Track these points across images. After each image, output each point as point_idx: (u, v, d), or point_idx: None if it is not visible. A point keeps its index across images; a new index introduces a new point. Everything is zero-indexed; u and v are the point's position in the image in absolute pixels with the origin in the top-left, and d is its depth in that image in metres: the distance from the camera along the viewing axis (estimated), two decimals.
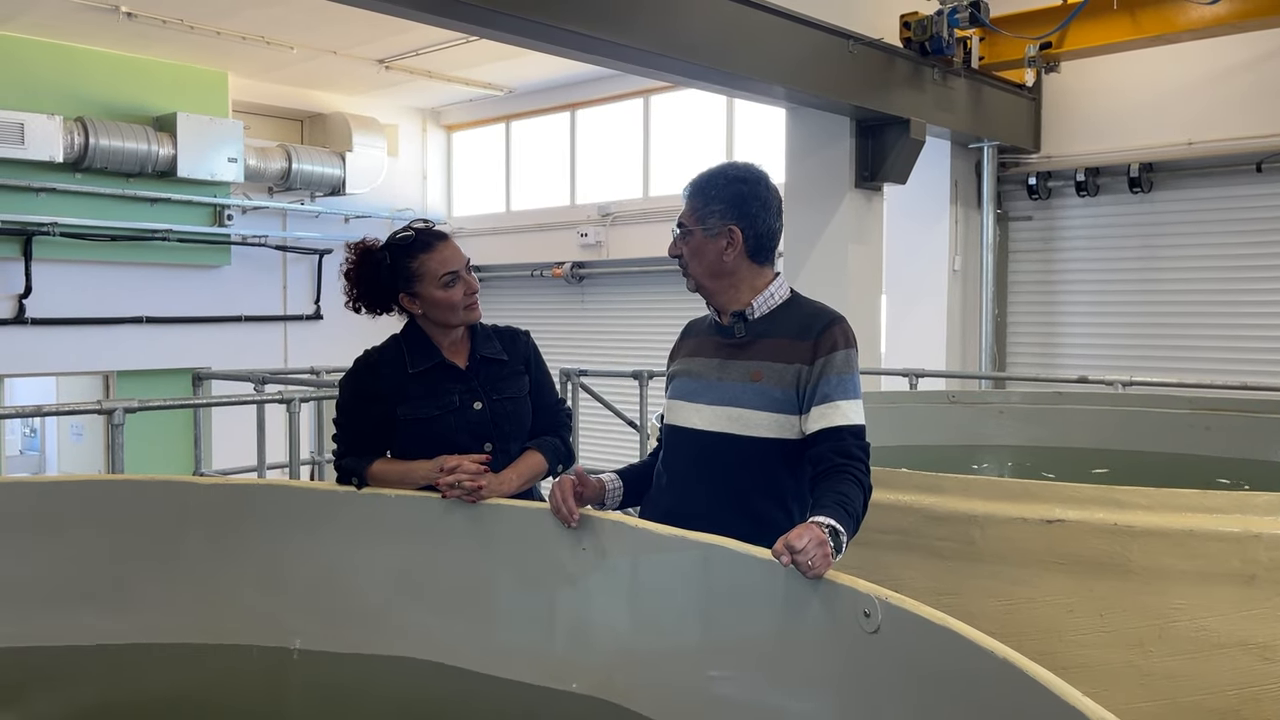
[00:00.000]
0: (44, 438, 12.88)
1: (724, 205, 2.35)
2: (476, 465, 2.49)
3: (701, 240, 2.36)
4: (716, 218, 2.35)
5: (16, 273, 9.33)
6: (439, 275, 2.59)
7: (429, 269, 2.59)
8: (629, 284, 10.84)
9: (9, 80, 9.12)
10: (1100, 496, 2.75)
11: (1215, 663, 2.62)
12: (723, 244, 2.35)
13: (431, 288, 2.60)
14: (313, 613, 2.59)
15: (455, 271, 2.60)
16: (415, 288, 2.61)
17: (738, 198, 2.35)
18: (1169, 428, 4.91)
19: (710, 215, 2.35)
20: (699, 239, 2.37)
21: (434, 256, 2.60)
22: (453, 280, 2.60)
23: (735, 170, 2.40)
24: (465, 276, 2.62)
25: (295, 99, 11.34)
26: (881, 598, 1.76)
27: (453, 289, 2.60)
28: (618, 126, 11.16)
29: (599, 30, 5.11)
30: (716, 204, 2.35)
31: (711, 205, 2.35)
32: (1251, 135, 7.24)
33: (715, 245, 2.35)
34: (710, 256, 2.36)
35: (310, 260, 11.43)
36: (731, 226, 2.34)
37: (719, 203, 2.35)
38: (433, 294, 2.60)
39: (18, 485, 2.79)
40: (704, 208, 2.36)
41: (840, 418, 2.23)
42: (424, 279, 2.60)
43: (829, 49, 6.30)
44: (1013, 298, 8.50)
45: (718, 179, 2.38)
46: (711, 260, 2.36)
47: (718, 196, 2.36)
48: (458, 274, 2.61)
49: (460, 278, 2.61)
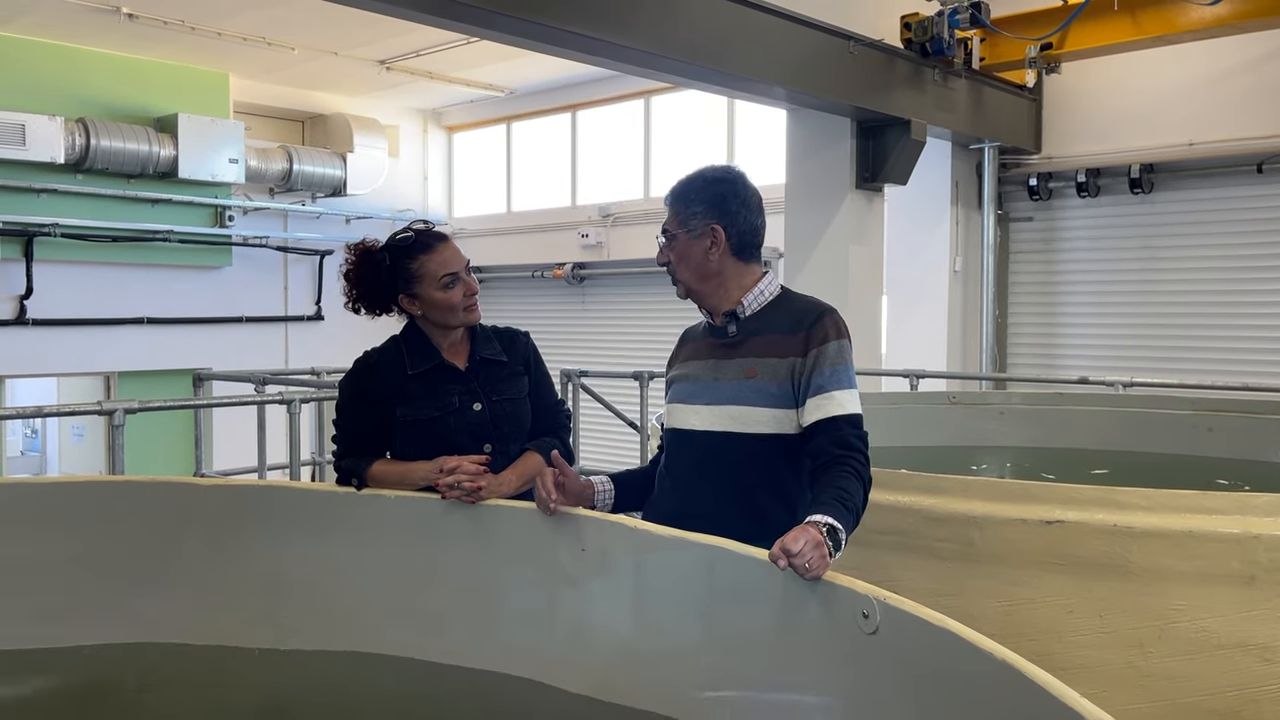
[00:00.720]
0: (45, 438, 12.89)
1: (704, 206, 2.37)
2: (476, 466, 2.49)
3: (686, 243, 2.38)
4: (699, 219, 2.37)
5: (18, 273, 9.34)
6: (438, 277, 2.59)
7: (428, 270, 2.59)
8: (630, 285, 10.84)
9: (10, 81, 9.13)
10: (1100, 497, 2.74)
11: (1215, 664, 2.61)
12: (706, 244, 2.36)
13: (431, 289, 2.60)
14: (313, 613, 2.60)
15: (455, 273, 2.60)
16: (415, 289, 2.61)
17: (717, 198, 2.37)
18: (1170, 429, 4.90)
19: (692, 217, 2.37)
20: (684, 242, 2.38)
21: (433, 258, 2.60)
22: (452, 282, 2.60)
23: (713, 172, 2.43)
24: (465, 278, 2.62)
25: (296, 100, 11.35)
26: (880, 599, 1.76)
27: (452, 290, 2.60)
28: (618, 127, 11.17)
29: (600, 31, 5.11)
30: (697, 205, 2.37)
31: (692, 207, 2.38)
32: (1252, 136, 7.24)
33: (700, 246, 2.37)
34: (696, 258, 2.38)
35: (311, 261, 11.44)
36: (714, 225, 2.36)
37: (699, 204, 2.37)
38: (432, 295, 2.60)
39: (18, 486, 2.79)
40: (685, 210, 2.39)
41: (836, 408, 2.23)
42: (423, 280, 2.60)
43: (829, 50, 6.31)
44: (1013, 298, 8.49)
45: (695, 182, 2.41)
46: (698, 262, 2.38)
47: (697, 198, 2.38)
48: (457, 275, 2.60)
49: (460, 279, 2.61)
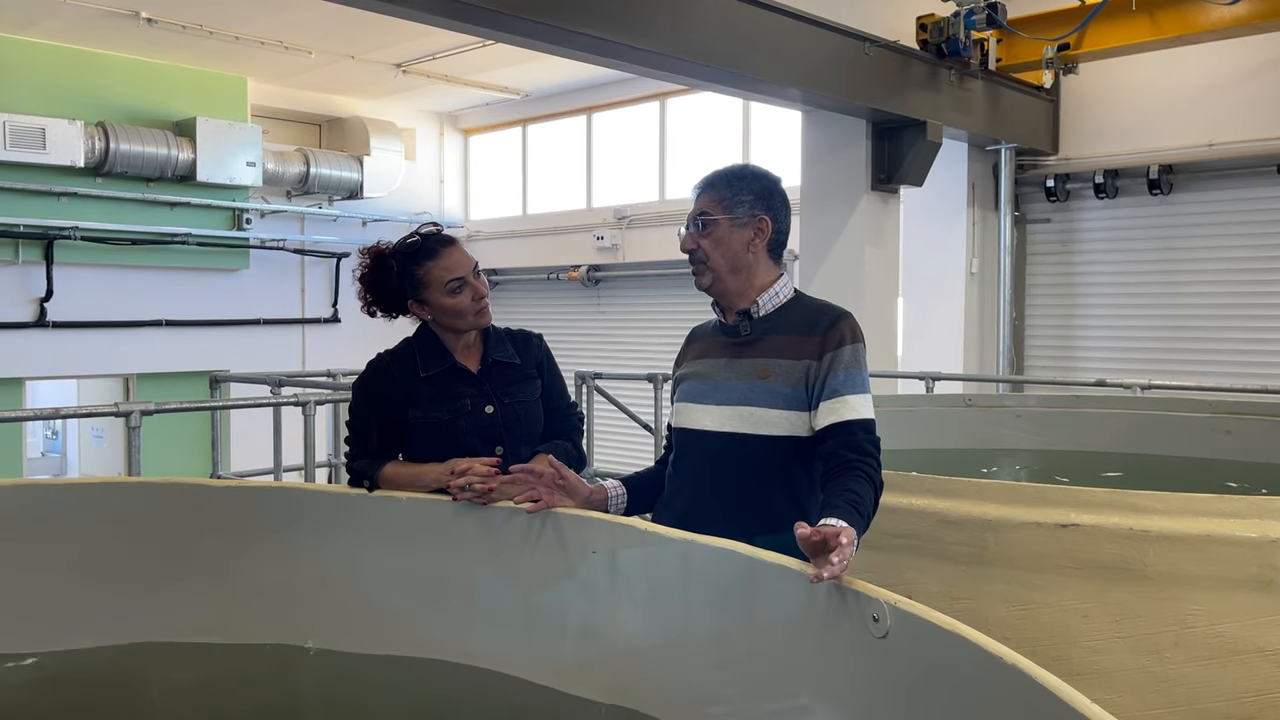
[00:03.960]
0: (65, 440, 13.00)
1: (753, 196, 2.33)
2: (487, 468, 2.49)
3: (728, 230, 2.32)
4: (746, 207, 2.32)
5: (38, 276, 9.42)
6: (445, 283, 2.58)
7: (434, 276, 2.58)
8: (645, 287, 10.84)
9: (31, 86, 9.22)
10: (1115, 501, 2.72)
11: (1232, 669, 2.58)
12: (750, 234, 2.32)
13: (438, 295, 2.59)
14: (326, 614, 2.60)
15: (462, 278, 2.58)
16: (423, 295, 2.61)
17: (766, 191, 2.35)
18: (1188, 431, 4.85)
19: (739, 205, 2.32)
20: (724, 229, 2.32)
21: (439, 264, 2.59)
22: (459, 287, 2.58)
23: (758, 168, 2.41)
24: (472, 281, 2.60)
25: (313, 103, 11.42)
26: (890, 602, 1.75)
27: (459, 295, 2.58)
28: (634, 130, 11.18)
29: (615, 34, 5.12)
30: (746, 194, 2.33)
31: (741, 195, 2.33)
32: (1272, 136, 7.19)
33: (742, 235, 2.32)
34: (735, 246, 2.32)
35: (328, 264, 11.50)
36: (762, 216, 2.33)
37: (749, 193, 2.33)
38: (440, 301, 2.59)
39: (35, 487, 2.81)
40: (732, 198, 2.33)
41: (850, 412, 2.21)
42: (430, 286, 2.59)
43: (845, 51, 6.29)
44: (1030, 300, 8.44)
45: (744, 173, 2.37)
46: (736, 251, 2.32)
47: (747, 188, 2.34)
48: (464, 280, 2.59)
49: (467, 283, 2.59)
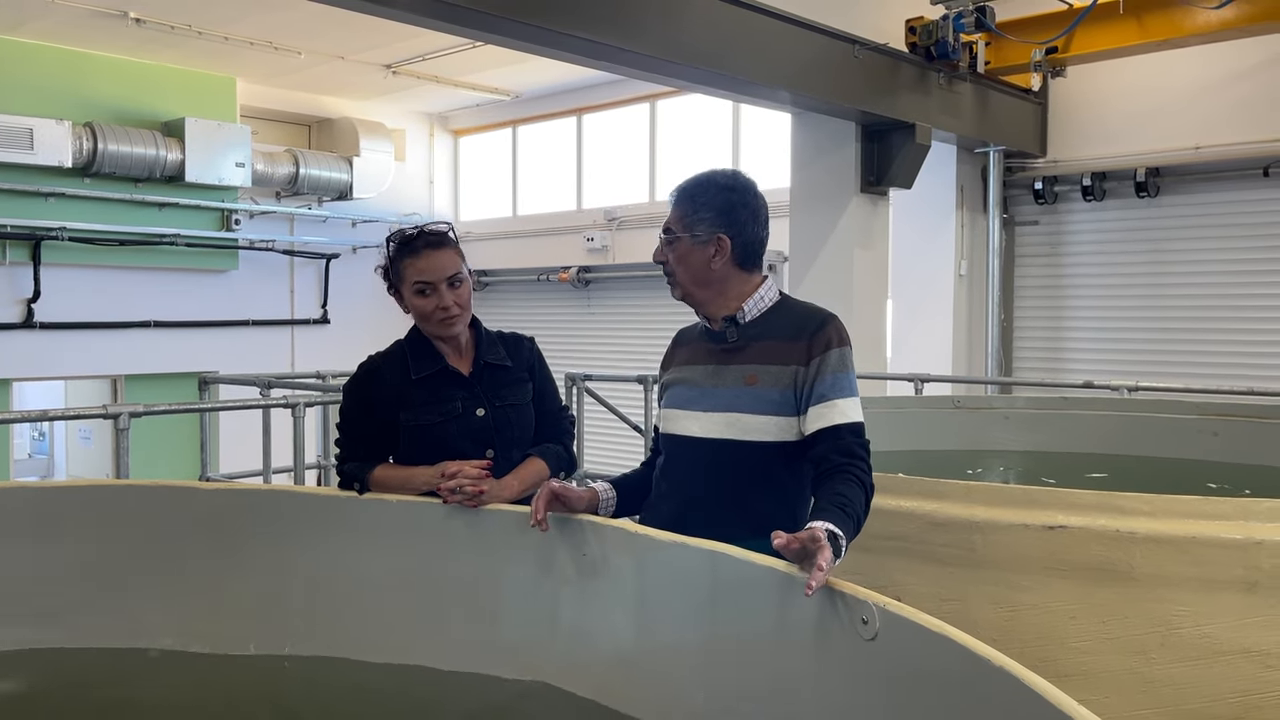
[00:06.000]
0: (53, 441, 12.93)
1: (713, 213, 2.32)
2: (478, 471, 2.49)
3: (689, 247, 2.33)
4: (705, 225, 2.31)
5: (25, 277, 9.38)
6: (413, 282, 2.59)
7: (408, 274, 2.59)
8: (635, 288, 10.85)
9: (18, 85, 9.17)
10: (1102, 503, 2.73)
11: (1218, 670, 2.60)
12: (710, 252, 2.32)
13: (409, 293, 2.61)
14: (315, 617, 2.60)
15: (430, 282, 2.57)
16: (400, 288, 2.63)
17: (727, 206, 2.32)
18: (1175, 433, 4.88)
19: (699, 223, 2.32)
20: (686, 246, 2.33)
21: (414, 263, 2.59)
22: (424, 290, 2.58)
23: (724, 178, 2.37)
24: (441, 289, 2.57)
25: (303, 104, 11.39)
26: (879, 604, 1.76)
27: (424, 299, 2.58)
28: (624, 131, 11.18)
29: (605, 36, 5.12)
30: (705, 211, 2.32)
31: (700, 213, 2.32)
32: (1259, 140, 7.23)
33: (703, 253, 2.32)
34: (697, 264, 2.33)
35: (317, 265, 11.47)
36: (720, 235, 2.31)
37: (708, 210, 2.32)
38: (409, 299, 2.62)
39: (22, 490, 2.80)
40: (692, 215, 2.33)
41: (839, 416, 2.22)
42: (405, 282, 2.61)
43: (834, 54, 6.31)
44: (1019, 302, 8.48)
45: (707, 186, 2.35)
46: (698, 268, 2.33)
47: (707, 204, 2.33)
48: (432, 285, 2.57)
49: (436, 289, 2.57)
